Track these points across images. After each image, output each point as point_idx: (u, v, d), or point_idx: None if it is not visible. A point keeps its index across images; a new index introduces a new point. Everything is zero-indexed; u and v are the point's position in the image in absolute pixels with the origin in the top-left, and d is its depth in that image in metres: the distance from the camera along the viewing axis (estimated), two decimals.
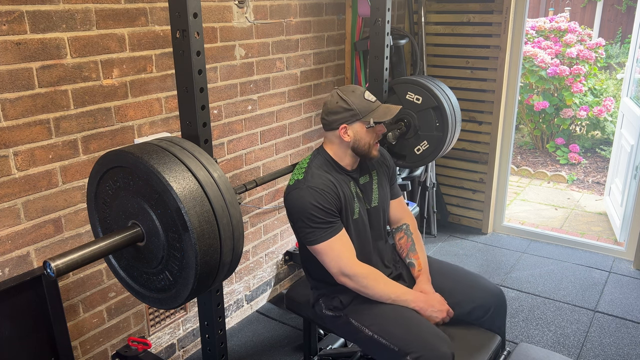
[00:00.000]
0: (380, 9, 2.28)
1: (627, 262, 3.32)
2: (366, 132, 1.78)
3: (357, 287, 1.74)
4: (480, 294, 1.88)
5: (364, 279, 1.73)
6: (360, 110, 1.75)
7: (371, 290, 1.74)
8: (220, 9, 2.28)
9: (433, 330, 1.68)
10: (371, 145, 1.80)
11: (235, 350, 2.58)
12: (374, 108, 1.76)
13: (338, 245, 1.73)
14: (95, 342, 2.09)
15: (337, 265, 1.72)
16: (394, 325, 1.70)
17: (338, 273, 1.73)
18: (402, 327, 1.69)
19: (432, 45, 3.54)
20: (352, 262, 1.74)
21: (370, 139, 1.79)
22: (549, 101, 5.39)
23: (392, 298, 1.75)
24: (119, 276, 1.50)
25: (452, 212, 3.88)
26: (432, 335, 1.65)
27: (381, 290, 1.75)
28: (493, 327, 1.90)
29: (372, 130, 1.78)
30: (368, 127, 1.76)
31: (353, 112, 1.75)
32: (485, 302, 1.87)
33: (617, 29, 8.26)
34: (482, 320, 1.88)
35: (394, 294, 1.76)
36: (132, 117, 2.03)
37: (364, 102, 1.76)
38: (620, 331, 2.67)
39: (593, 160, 5.49)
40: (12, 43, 1.63)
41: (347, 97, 1.76)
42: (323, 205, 1.71)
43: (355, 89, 1.79)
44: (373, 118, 1.74)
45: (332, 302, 1.85)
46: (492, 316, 1.88)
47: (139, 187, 1.32)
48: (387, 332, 1.69)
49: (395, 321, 1.71)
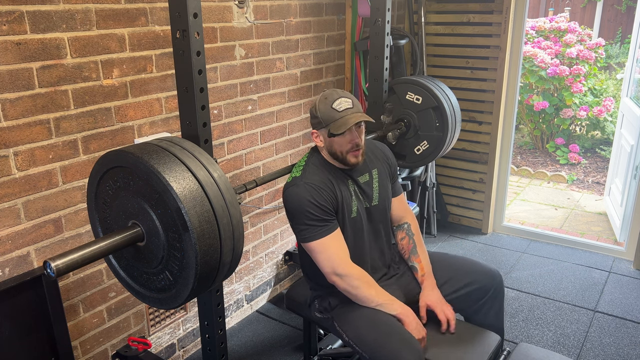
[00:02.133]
0: (380, 9, 2.28)
1: (627, 262, 3.32)
2: (332, 140, 1.75)
3: (346, 288, 1.74)
4: (478, 277, 1.91)
5: (356, 280, 1.73)
6: (323, 119, 1.74)
7: (360, 291, 1.73)
8: (220, 9, 2.28)
9: (403, 337, 1.65)
10: (344, 153, 1.77)
11: (235, 350, 2.58)
12: (336, 118, 1.71)
13: (332, 244, 1.73)
14: (95, 342, 2.09)
15: (330, 264, 1.73)
16: (366, 331, 1.70)
17: (330, 272, 1.74)
18: (373, 334, 1.68)
19: (432, 45, 3.54)
20: (345, 262, 1.74)
21: (340, 147, 1.76)
22: (549, 101, 5.39)
23: (379, 302, 1.74)
24: (119, 276, 1.50)
25: (452, 212, 3.88)
26: (401, 345, 1.62)
27: (369, 294, 1.74)
28: (491, 311, 1.92)
29: (339, 139, 1.74)
30: (328, 137, 1.74)
31: (318, 120, 1.76)
32: (485, 283, 1.90)
33: (617, 29, 8.26)
34: (484, 301, 1.90)
35: (382, 299, 1.74)
36: (132, 117, 2.03)
37: (329, 111, 1.72)
38: (620, 331, 2.67)
39: (593, 160, 5.49)
40: (12, 43, 1.63)
41: (318, 104, 1.76)
42: (319, 202, 1.71)
43: (329, 96, 1.75)
44: (330, 129, 1.71)
45: (323, 304, 1.86)
46: (492, 297, 1.91)
47: (139, 187, 1.32)
48: (359, 339, 1.70)
49: (368, 328, 1.70)
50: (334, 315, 1.83)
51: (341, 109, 1.72)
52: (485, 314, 1.93)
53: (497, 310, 1.94)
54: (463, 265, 1.97)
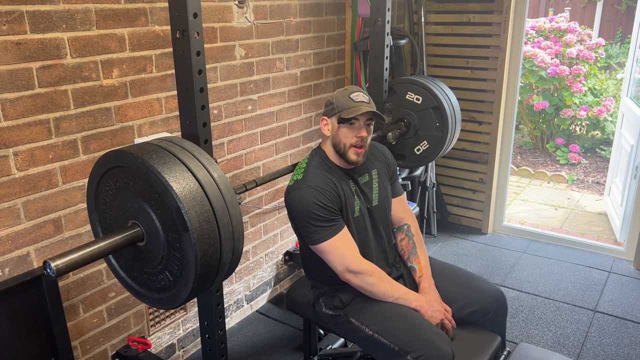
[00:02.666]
0: (380, 9, 2.28)
1: (627, 262, 3.32)
2: (340, 129, 1.77)
3: (361, 285, 1.75)
4: (480, 297, 1.87)
5: (370, 277, 1.74)
6: (337, 105, 1.77)
7: (376, 287, 1.75)
8: (220, 9, 2.28)
9: (434, 329, 1.69)
10: (347, 147, 1.78)
11: (235, 350, 2.58)
12: (350, 106, 1.76)
13: (342, 243, 1.73)
14: (95, 342, 2.09)
15: (342, 263, 1.73)
16: (394, 324, 1.70)
17: (343, 270, 1.74)
18: (402, 326, 1.69)
19: (432, 45, 3.54)
20: (358, 259, 1.75)
21: (345, 139, 1.77)
22: (549, 101, 5.39)
23: (396, 297, 1.76)
24: (119, 276, 1.50)
25: (452, 212, 3.88)
26: (433, 334, 1.65)
27: (385, 289, 1.76)
28: (493, 328, 1.90)
29: (347, 129, 1.77)
30: (339, 123, 1.76)
31: (332, 107, 1.79)
32: (485, 305, 1.86)
33: (617, 29, 8.26)
34: (482, 321, 1.88)
35: (398, 292, 1.77)
36: (132, 117, 2.03)
37: (345, 100, 1.77)
38: (620, 331, 2.67)
39: (593, 160, 5.49)
40: (12, 43, 1.63)
41: (336, 93, 1.81)
42: (324, 204, 1.71)
43: (349, 88, 1.81)
44: (341, 114, 1.75)
45: (333, 301, 1.85)
46: (492, 318, 1.88)
47: (139, 187, 1.32)
48: (388, 331, 1.69)
49: (395, 320, 1.71)
50: (348, 311, 1.81)
51: (357, 100, 1.77)
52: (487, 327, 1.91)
53: (500, 324, 1.92)
54: (466, 282, 1.93)
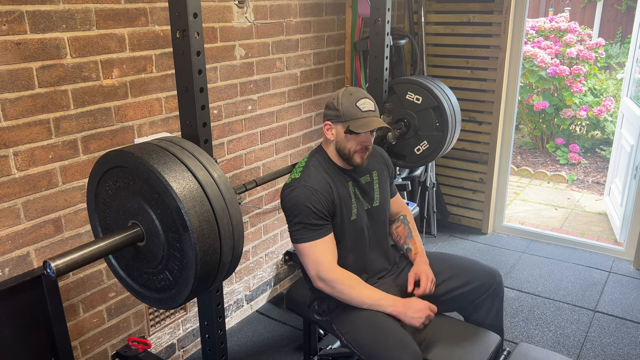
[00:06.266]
0: (380, 9, 2.28)
1: (627, 262, 3.32)
2: (345, 137, 1.76)
3: (333, 293, 1.74)
4: (479, 275, 1.92)
5: (340, 285, 1.72)
6: (344, 113, 1.74)
7: (346, 296, 1.73)
8: (220, 9, 2.28)
9: (401, 339, 1.63)
10: (352, 152, 1.77)
11: (235, 350, 2.58)
12: (357, 117, 1.73)
13: (320, 248, 1.73)
14: (95, 342, 2.09)
15: (315, 269, 1.73)
16: (363, 333, 1.70)
17: (315, 277, 1.74)
18: (369, 335, 1.68)
19: (432, 45, 3.54)
20: (331, 268, 1.73)
21: (351, 145, 1.77)
22: (549, 101, 5.39)
23: (368, 303, 1.72)
24: (119, 276, 1.50)
25: (452, 212, 3.88)
26: (398, 345, 1.61)
27: (356, 296, 1.72)
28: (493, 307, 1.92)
29: (353, 138, 1.75)
30: (345, 133, 1.74)
31: (337, 113, 1.75)
32: (484, 281, 1.91)
33: (617, 29, 8.26)
34: (483, 298, 1.90)
35: (370, 299, 1.72)
36: (132, 117, 2.03)
37: (352, 109, 1.73)
38: (620, 331, 2.67)
39: (593, 160, 5.49)
40: (12, 43, 1.63)
41: (341, 98, 1.76)
42: (315, 207, 1.71)
43: (355, 93, 1.77)
44: (350, 126, 1.72)
45: (322, 306, 1.86)
46: (492, 295, 1.91)
47: (139, 187, 1.32)
48: (356, 341, 1.71)
49: (364, 329, 1.70)
50: (332, 317, 1.82)
51: (364, 109, 1.74)
52: (485, 313, 1.93)
53: (497, 309, 1.94)
54: (463, 264, 1.98)
